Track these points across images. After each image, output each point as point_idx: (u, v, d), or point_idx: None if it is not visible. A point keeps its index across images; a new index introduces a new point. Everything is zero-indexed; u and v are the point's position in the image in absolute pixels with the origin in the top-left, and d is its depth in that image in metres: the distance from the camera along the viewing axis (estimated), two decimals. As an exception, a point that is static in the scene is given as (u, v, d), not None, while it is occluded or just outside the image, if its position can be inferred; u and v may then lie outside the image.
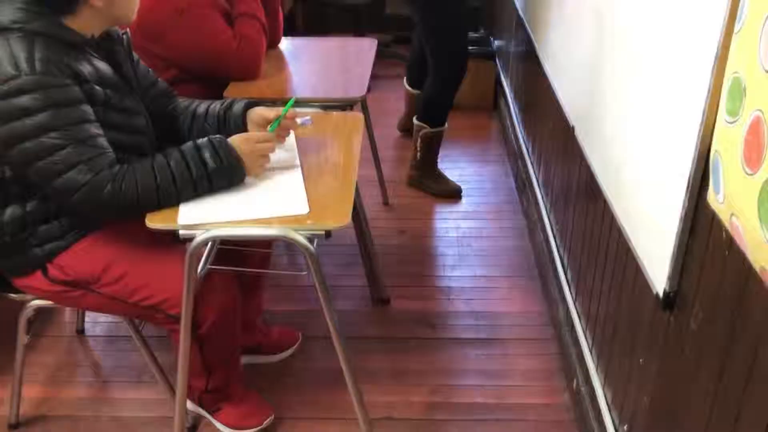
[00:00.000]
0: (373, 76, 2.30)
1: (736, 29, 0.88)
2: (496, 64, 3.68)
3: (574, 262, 2.02)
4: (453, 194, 2.91)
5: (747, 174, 0.84)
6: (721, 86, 0.94)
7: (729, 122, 0.90)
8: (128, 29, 1.62)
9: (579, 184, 1.95)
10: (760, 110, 0.81)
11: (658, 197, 1.26)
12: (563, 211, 2.16)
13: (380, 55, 2.54)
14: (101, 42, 1.51)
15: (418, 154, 2.92)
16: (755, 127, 0.82)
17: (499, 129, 3.48)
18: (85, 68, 1.41)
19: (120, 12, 1.46)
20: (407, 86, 3.30)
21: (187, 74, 2.04)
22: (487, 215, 2.77)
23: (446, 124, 2.90)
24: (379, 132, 2.78)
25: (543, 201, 2.47)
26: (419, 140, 2.89)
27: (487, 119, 3.60)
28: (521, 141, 2.92)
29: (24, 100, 1.31)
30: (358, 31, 4.20)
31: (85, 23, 1.43)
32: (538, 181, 2.58)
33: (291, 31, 4.01)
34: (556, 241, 2.25)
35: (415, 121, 2.90)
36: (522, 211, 2.78)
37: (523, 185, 2.81)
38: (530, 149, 2.77)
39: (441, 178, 2.96)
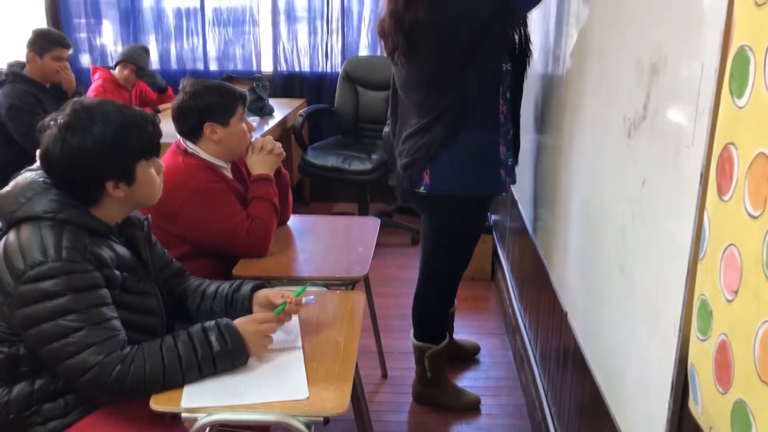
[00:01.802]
0: (375, 245, 2.37)
1: (700, 256, 0.98)
2: (493, 237, 3.82)
3: (571, 447, 2.01)
4: (472, 406, 2.64)
5: (719, 392, 0.90)
6: (692, 303, 1.02)
7: (701, 339, 0.97)
8: (149, 215, 1.74)
9: (573, 369, 1.98)
10: (725, 334, 0.88)
11: (646, 396, 1.31)
12: (559, 393, 2.17)
13: (382, 224, 2.65)
14: (122, 227, 1.64)
15: (429, 373, 2.61)
16: (722, 350, 0.89)
17: (497, 300, 3.55)
18: (106, 253, 1.51)
19: (141, 198, 1.60)
20: None
21: (199, 250, 2.15)
22: (486, 391, 2.76)
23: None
24: (379, 301, 2.83)
25: (540, 379, 2.48)
26: (427, 361, 2.59)
27: (486, 290, 3.68)
28: (518, 315, 2.97)
29: (47, 284, 1.40)
30: (362, 201, 4.38)
31: (109, 212, 1.56)
32: (535, 358, 2.60)
33: (298, 201, 4.20)
34: (554, 423, 2.24)
35: (414, 341, 2.60)
36: (521, 387, 2.78)
37: (521, 360, 2.83)
38: (527, 324, 2.82)
39: (456, 390, 2.68)
